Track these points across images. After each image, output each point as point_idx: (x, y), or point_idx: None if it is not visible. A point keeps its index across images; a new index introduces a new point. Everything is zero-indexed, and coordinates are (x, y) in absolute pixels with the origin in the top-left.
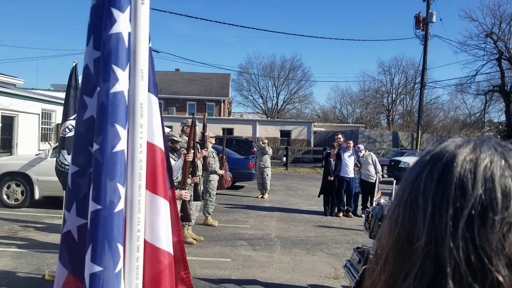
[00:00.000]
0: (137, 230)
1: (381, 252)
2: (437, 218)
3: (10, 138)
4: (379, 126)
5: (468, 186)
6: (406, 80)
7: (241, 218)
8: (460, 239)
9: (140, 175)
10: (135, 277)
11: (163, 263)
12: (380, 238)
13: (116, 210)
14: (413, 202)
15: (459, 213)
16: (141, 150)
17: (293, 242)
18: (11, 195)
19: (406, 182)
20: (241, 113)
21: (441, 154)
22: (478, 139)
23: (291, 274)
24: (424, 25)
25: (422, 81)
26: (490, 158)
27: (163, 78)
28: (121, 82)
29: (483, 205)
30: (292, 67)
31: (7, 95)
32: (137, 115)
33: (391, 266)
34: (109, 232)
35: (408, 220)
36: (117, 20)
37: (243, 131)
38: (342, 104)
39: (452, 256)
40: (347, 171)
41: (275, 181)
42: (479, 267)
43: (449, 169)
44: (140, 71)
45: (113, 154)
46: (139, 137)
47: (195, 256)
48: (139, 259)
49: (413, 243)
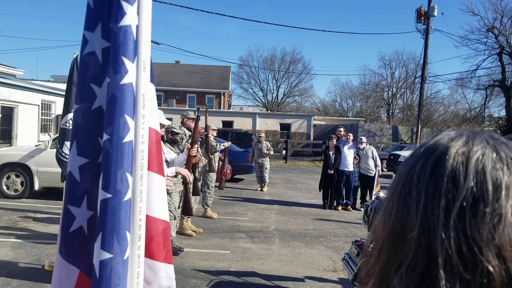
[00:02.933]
0: (139, 220)
1: (376, 243)
2: (430, 210)
3: (10, 129)
4: (379, 120)
5: (460, 178)
6: (407, 74)
7: (240, 210)
8: (452, 230)
9: (142, 165)
10: (136, 265)
11: (154, 230)
12: (374, 230)
13: (125, 199)
14: (407, 194)
15: (451, 204)
16: (143, 140)
17: (292, 235)
18: (11, 185)
19: (400, 174)
20: (241, 106)
21: (434, 147)
22: (471, 132)
23: (289, 266)
24: (426, 19)
25: (423, 75)
26: (482, 151)
27: (163, 70)
28: (130, 74)
29: (475, 197)
30: (293, 60)
31: (7, 85)
32: (139, 106)
33: (385, 257)
34: (117, 220)
35: (401, 211)
36: (126, 13)
37: (243, 124)
38: (342, 98)
39: (444, 247)
40: (346, 164)
41: (275, 174)
42: (470, 257)
43: (442, 162)
44: (142, 62)
45: (122, 144)
46: (141, 127)
47: (194, 248)
48: (140, 248)
49: (406, 234)
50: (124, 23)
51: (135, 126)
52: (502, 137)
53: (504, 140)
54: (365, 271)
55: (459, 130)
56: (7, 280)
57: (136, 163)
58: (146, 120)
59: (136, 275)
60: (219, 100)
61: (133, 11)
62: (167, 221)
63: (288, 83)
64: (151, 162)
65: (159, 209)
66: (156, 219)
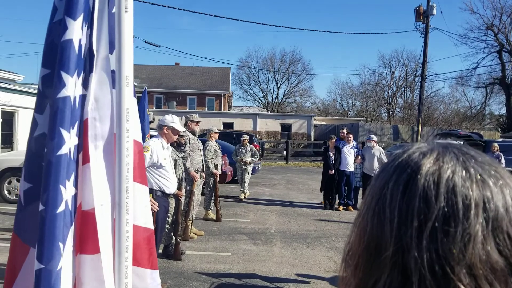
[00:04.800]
0: (126, 231)
1: (353, 257)
2: (403, 230)
3: (11, 133)
4: (380, 119)
5: (431, 198)
6: (407, 73)
7: (242, 212)
8: (425, 250)
9: (127, 178)
10: (124, 276)
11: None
12: (350, 243)
13: (58, 211)
14: (380, 212)
15: (423, 224)
16: (128, 153)
17: (293, 236)
18: (12, 190)
19: (374, 189)
20: (241, 107)
21: (406, 164)
22: (441, 146)
23: (291, 268)
24: (425, 17)
25: (423, 74)
26: (452, 169)
27: (163, 72)
28: (69, 87)
29: (445, 216)
30: (292, 61)
31: (7, 90)
32: (123, 120)
33: (361, 273)
34: (50, 232)
35: (376, 229)
36: (68, 27)
37: (244, 125)
38: (343, 98)
39: (417, 267)
40: (346, 164)
41: (275, 175)
42: (443, 276)
43: (413, 181)
44: (125, 77)
45: (56, 157)
46: (126, 141)
47: (196, 250)
48: (128, 259)
49: (381, 252)
50: (65, 38)
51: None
52: (471, 150)
53: (474, 154)
54: (343, 285)
55: (430, 144)
56: None
57: (122, 176)
58: (130, 134)
59: (124, 286)
60: (219, 102)
61: (77, 26)
62: (151, 228)
63: (288, 83)
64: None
65: (144, 217)
66: (140, 227)
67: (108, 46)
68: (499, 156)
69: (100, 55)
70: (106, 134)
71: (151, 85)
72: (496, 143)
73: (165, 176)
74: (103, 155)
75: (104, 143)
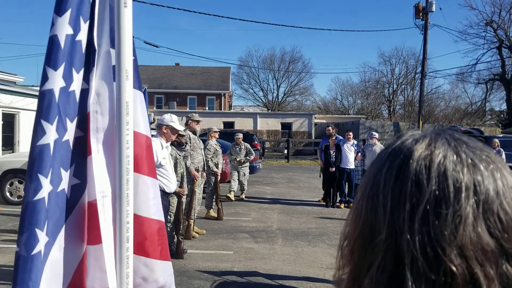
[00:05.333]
0: (127, 222)
1: (348, 243)
2: (396, 213)
3: (12, 135)
4: (381, 117)
5: (423, 182)
6: (407, 70)
7: (243, 211)
8: (417, 233)
9: (127, 170)
10: (125, 265)
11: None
12: (346, 230)
13: (35, 198)
14: (374, 197)
15: (415, 208)
16: (128, 146)
17: (294, 234)
18: (14, 192)
19: (368, 177)
20: (242, 106)
21: (399, 150)
22: (434, 132)
23: (292, 265)
24: (424, 14)
25: (423, 71)
26: (444, 154)
27: (163, 72)
28: (51, 81)
29: (437, 199)
30: (292, 59)
31: (7, 92)
32: (123, 113)
33: (356, 258)
34: (27, 218)
35: (370, 214)
36: (54, 23)
37: (244, 124)
38: (343, 96)
39: (409, 249)
40: (347, 162)
41: (277, 174)
42: (434, 258)
43: (406, 166)
44: (125, 71)
45: (35, 147)
46: (126, 133)
47: (198, 249)
48: (129, 249)
49: (375, 236)
50: (51, 34)
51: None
52: (463, 136)
53: (465, 139)
54: (339, 271)
55: (424, 131)
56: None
57: (122, 168)
58: (130, 126)
59: (125, 276)
60: (219, 101)
61: (62, 22)
62: (162, 220)
63: (288, 82)
64: (143, 166)
65: (154, 210)
66: (151, 220)
67: (109, 41)
68: (500, 152)
69: (102, 50)
70: (107, 127)
71: (151, 85)
72: (497, 139)
73: (165, 175)
74: (105, 148)
75: (105, 135)
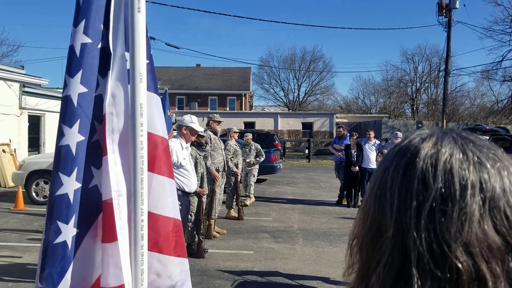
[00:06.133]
0: (141, 220)
1: (357, 241)
2: (403, 211)
3: (38, 137)
4: (404, 116)
5: (429, 180)
6: (430, 68)
7: (264, 211)
8: (423, 230)
9: (142, 170)
10: (140, 262)
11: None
12: (355, 229)
13: (57, 194)
14: (382, 195)
15: (422, 205)
16: (142, 146)
17: (315, 234)
18: (40, 192)
19: (376, 175)
20: (262, 107)
21: (406, 148)
22: (441, 131)
23: (313, 265)
24: (447, 11)
25: (446, 69)
26: (450, 152)
27: (185, 74)
28: (68, 87)
29: (443, 197)
30: (313, 59)
31: (33, 95)
32: (137, 115)
33: (364, 255)
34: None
35: (377, 212)
36: (72, 34)
37: (265, 124)
38: (365, 95)
39: (416, 246)
40: (369, 162)
41: (297, 174)
42: (440, 255)
43: (412, 164)
44: (138, 74)
45: (58, 148)
46: (140, 134)
47: (218, 248)
48: (143, 247)
49: (382, 234)
50: (70, 44)
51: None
52: (471, 135)
53: (473, 138)
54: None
55: (431, 130)
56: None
57: (136, 168)
58: (144, 128)
59: (140, 272)
60: (240, 102)
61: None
62: (177, 218)
63: (309, 81)
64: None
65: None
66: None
67: (124, 45)
68: None
69: (117, 53)
70: (123, 128)
71: (173, 86)
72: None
73: (185, 175)
74: (120, 148)
75: (120, 136)
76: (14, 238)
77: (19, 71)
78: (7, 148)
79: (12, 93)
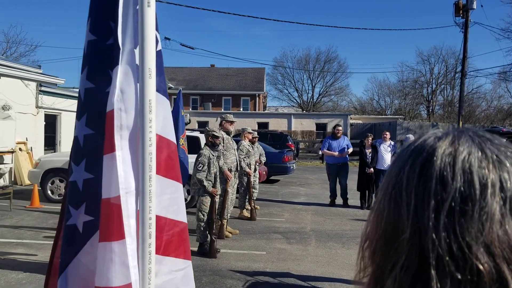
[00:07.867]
0: (149, 218)
1: (370, 244)
2: (420, 211)
3: (54, 136)
4: (419, 117)
5: (448, 179)
6: (447, 69)
7: (276, 211)
8: (442, 231)
9: (150, 167)
10: (148, 261)
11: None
12: (367, 230)
13: (70, 180)
14: (397, 196)
15: (440, 205)
16: (151, 143)
17: (328, 236)
18: (55, 190)
19: (390, 176)
20: (276, 107)
21: (421, 147)
22: (457, 130)
23: (326, 267)
24: (464, 12)
25: (463, 70)
26: (468, 150)
27: (199, 74)
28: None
29: (463, 196)
30: (328, 59)
31: (49, 94)
32: (146, 111)
33: (378, 258)
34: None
35: (393, 213)
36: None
37: (278, 125)
38: (380, 96)
39: (435, 247)
40: (383, 163)
41: (311, 175)
42: (460, 256)
43: (429, 163)
44: (148, 69)
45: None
46: (149, 131)
47: (230, 249)
48: (151, 245)
49: (398, 236)
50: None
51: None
52: (487, 133)
53: (489, 136)
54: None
55: (445, 129)
56: None
57: (145, 165)
58: (153, 124)
59: (147, 271)
60: (254, 102)
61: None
62: (185, 222)
63: (324, 82)
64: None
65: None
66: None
67: (133, 40)
68: None
69: (126, 48)
70: (131, 125)
71: (187, 87)
72: None
73: None
74: (129, 145)
75: (129, 133)
76: (29, 235)
77: (36, 70)
78: (24, 146)
79: (29, 92)
